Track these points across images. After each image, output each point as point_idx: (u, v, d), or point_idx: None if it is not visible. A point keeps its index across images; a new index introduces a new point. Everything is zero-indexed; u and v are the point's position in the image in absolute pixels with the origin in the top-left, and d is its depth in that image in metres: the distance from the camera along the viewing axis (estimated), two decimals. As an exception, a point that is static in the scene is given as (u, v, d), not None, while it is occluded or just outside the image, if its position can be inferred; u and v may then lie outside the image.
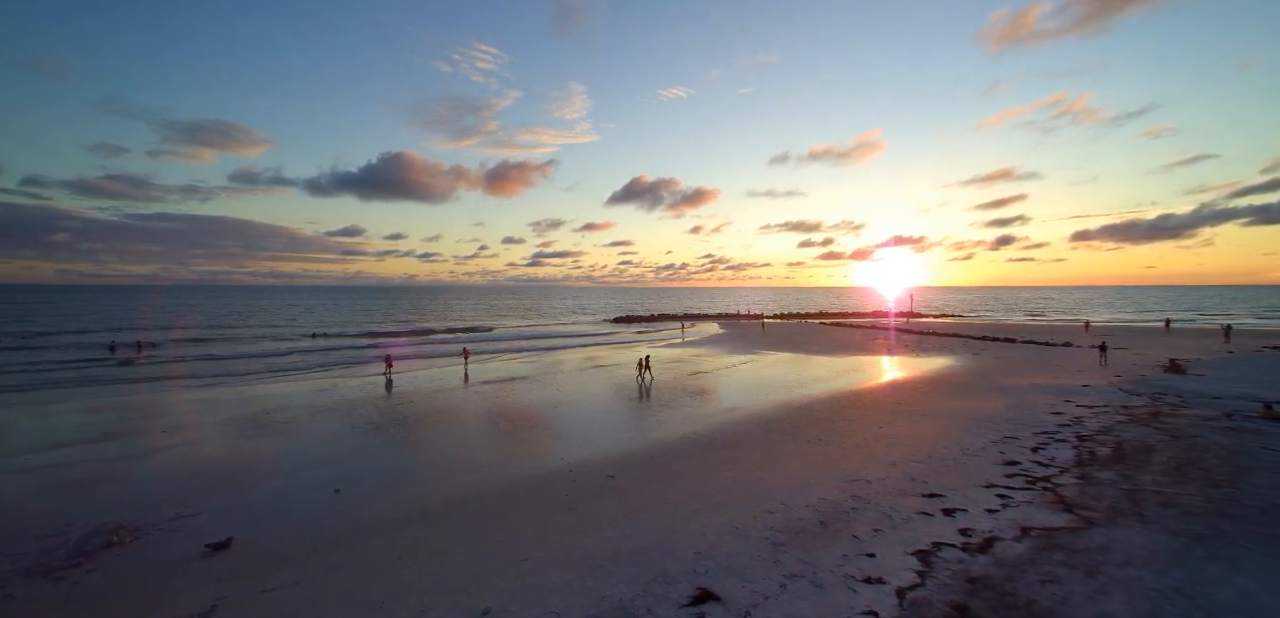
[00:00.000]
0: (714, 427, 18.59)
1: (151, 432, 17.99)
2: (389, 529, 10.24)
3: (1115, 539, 9.06)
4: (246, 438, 17.22)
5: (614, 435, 17.48)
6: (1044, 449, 14.72)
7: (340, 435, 17.25)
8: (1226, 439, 14.72)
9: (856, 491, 11.90)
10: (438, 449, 15.86)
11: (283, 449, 15.86)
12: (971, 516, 10.37)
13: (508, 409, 21.36)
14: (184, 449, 15.85)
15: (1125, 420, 17.52)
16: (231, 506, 11.53)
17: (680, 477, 13.15)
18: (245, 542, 9.69)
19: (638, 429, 18.37)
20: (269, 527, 10.43)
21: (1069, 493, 11.32)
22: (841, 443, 16.03)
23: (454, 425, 18.62)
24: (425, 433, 17.67)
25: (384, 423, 18.91)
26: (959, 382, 27.54)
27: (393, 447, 16.08)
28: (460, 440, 16.86)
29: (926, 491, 11.77)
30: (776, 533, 9.66)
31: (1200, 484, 11.48)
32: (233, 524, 10.42)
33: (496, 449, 15.83)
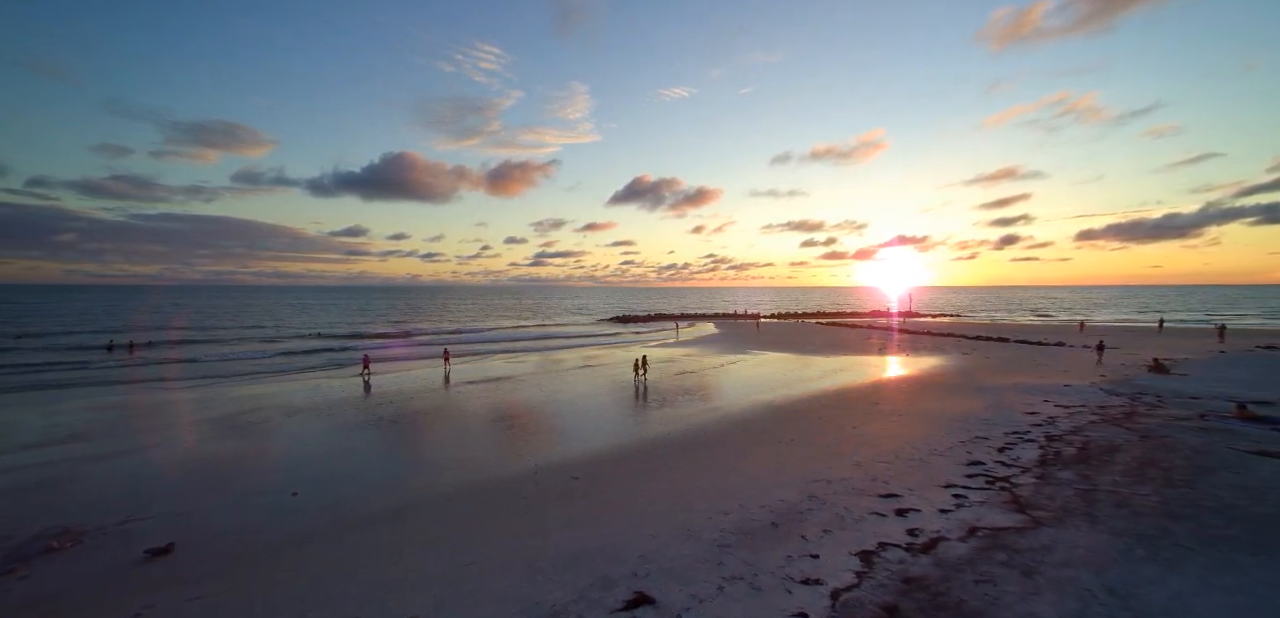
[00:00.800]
0: (691, 427, 18.62)
1: (123, 433, 18.06)
2: (338, 534, 10.26)
3: (1060, 540, 9.06)
4: (216, 440, 17.27)
5: (588, 436, 17.51)
6: (1011, 449, 14.72)
7: (310, 438, 17.27)
8: (1195, 439, 14.70)
9: (816, 491, 11.92)
10: (405, 452, 15.90)
11: (249, 452, 15.89)
12: (924, 516, 10.38)
13: (484, 411, 21.38)
14: (152, 451, 15.91)
15: (1098, 420, 17.50)
16: (186, 509, 11.55)
17: (646, 478, 13.19)
18: (188, 547, 9.72)
19: (613, 430, 18.39)
20: (217, 531, 10.45)
21: (1025, 493, 11.32)
22: (813, 443, 16.04)
23: (426, 428, 18.64)
24: (396, 435, 17.70)
25: (357, 425, 18.93)
26: (943, 382, 27.51)
27: (360, 450, 16.06)
28: (429, 443, 16.90)
29: (885, 491, 11.78)
30: (727, 535, 9.67)
31: (1158, 484, 11.47)
32: (182, 528, 10.46)
33: (464, 452, 15.83)
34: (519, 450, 15.83)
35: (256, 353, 41.18)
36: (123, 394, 25.22)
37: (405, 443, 16.75)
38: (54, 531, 10.03)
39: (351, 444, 16.60)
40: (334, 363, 36.60)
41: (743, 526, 10.07)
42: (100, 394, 25.25)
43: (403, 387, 26.60)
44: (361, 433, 17.91)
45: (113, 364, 35.40)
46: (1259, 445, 13.87)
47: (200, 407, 22.55)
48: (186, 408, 22.28)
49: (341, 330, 64.45)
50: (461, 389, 26.10)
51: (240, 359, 37.81)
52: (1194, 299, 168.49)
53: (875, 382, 28.22)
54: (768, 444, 16.05)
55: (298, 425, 18.93)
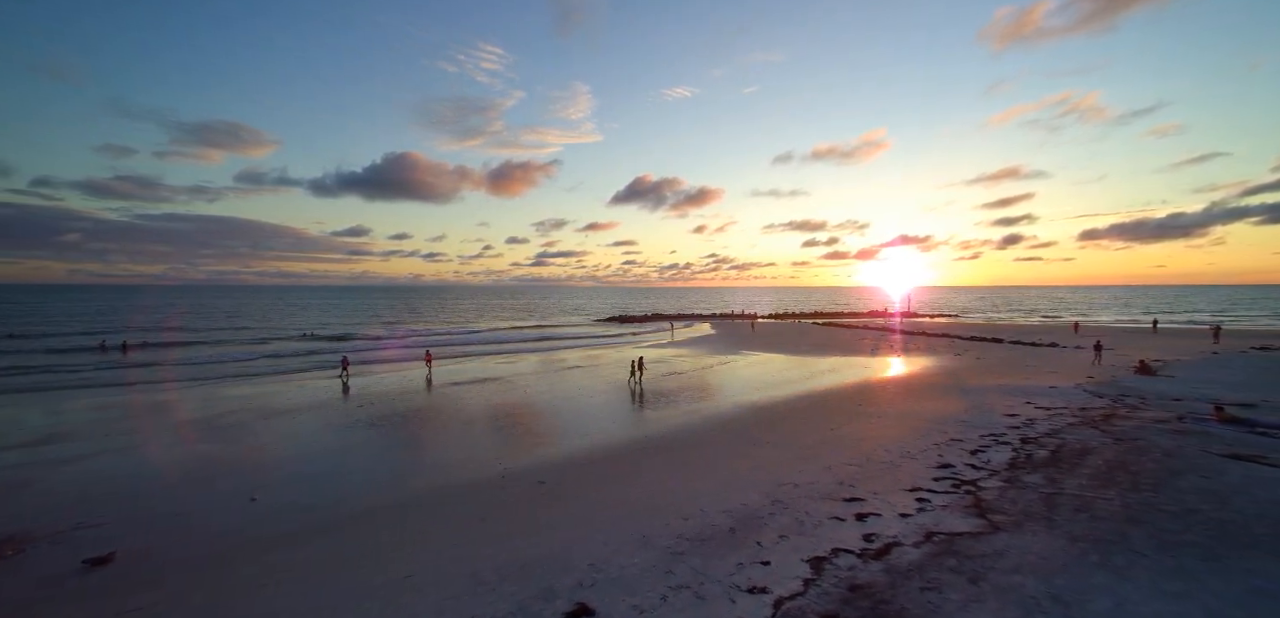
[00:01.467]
0: (670, 429, 18.56)
1: (95, 435, 18.02)
2: (286, 543, 10.14)
3: (1014, 545, 8.99)
4: (185, 444, 17.19)
5: (563, 439, 17.44)
6: (984, 452, 14.63)
7: (279, 442, 17.14)
8: (1169, 441, 14.60)
9: (781, 494, 11.85)
10: (373, 456, 15.73)
11: (215, 455, 15.78)
12: (883, 520, 10.31)
13: (462, 413, 21.29)
14: (116, 455, 15.81)
15: (1076, 422, 17.40)
16: (140, 514, 11.47)
17: (614, 482, 13.12)
18: (132, 555, 9.62)
19: (591, 432, 18.32)
20: (166, 538, 10.33)
21: (989, 497, 11.24)
22: (787, 445, 15.97)
23: (398, 432, 18.50)
24: (367, 439, 17.56)
25: (329, 429, 18.80)
26: (929, 383, 27.41)
27: (328, 453, 15.94)
28: (399, 447, 16.79)
29: (850, 494, 11.71)
30: (682, 541, 9.61)
31: (1123, 488, 11.38)
32: (133, 535, 10.38)
33: (433, 456, 15.76)
34: (490, 455, 15.76)
35: (246, 354, 41.20)
36: (101, 396, 25.18)
37: (374, 448, 16.62)
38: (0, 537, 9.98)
39: (319, 449, 16.47)
40: (321, 364, 36.49)
41: (701, 532, 10.01)
42: (77, 396, 25.20)
43: (382, 389, 26.53)
44: (332, 437, 17.79)
45: (98, 365, 35.41)
46: (1232, 448, 13.77)
47: (177, 409, 22.54)
48: (162, 410, 22.25)
49: (335, 331, 64.45)
50: (443, 391, 26.05)
51: (228, 361, 37.81)
52: (1200, 299, 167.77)
53: (862, 383, 28.13)
54: (743, 447, 15.98)
55: (272, 428, 18.88)
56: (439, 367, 34.80)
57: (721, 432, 18.03)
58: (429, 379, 28.94)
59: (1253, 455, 13.17)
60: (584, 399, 24.13)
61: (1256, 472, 12.03)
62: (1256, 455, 13.16)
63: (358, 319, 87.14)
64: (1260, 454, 13.22)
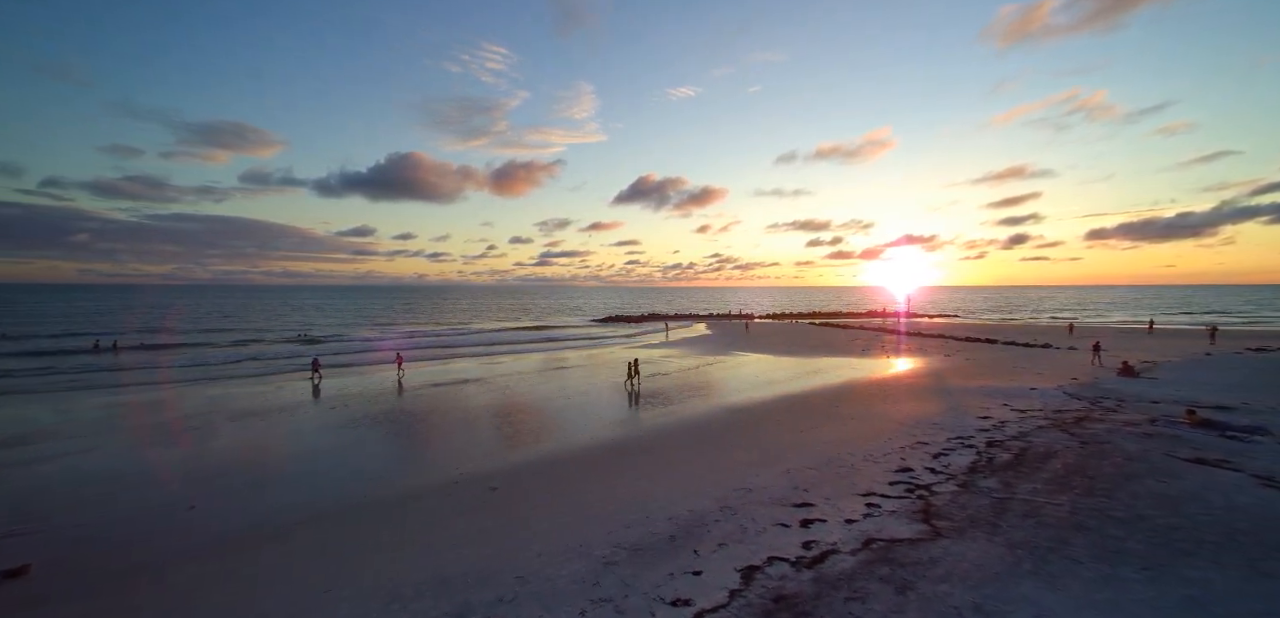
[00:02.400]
0: (638, 432, 18.43)
1: (53, 438, 17.92)
2: (211, 554, 9.86)
3: (951, 553, 8.82)
4: (143, 446, 17.05)
5: (527, 442, 17.28)
6: (947, 456, 14.45)
7: (235, 446, 16.91)
8: (1134, 445, 14.39)
9: (733, 499, 11.70)
10: (327, 463, 15.41)
11: (167, 459, 15.58)
12: (828, 527, 10.15)
13: (431, 416, 21.08)
14: (70, 458, 15.65)
15: (1047, 425, 17.19)
16: (73, 522, 11.27)
17: (567, 487, 12.99)
18: (50, 566, 9.43)
19: (558, 435, 18.18)
20: (90, 548, 10.11)
21: (939, 502, 11.07)
22: (752, 448, 15.82)
23: (360, 436, 18.24)
24: (323, 444, 17.28)
25: (290, 433, 18.59)
26: (911, 385, 27.20)
27: (279, 460, 15.67)
28: (356, 452, 16.47)
29: (802, 499, 11.55)
30: (619, 551, 9.46)
31: (1077, 492, 11.20)
32: (58, 544, 10.19)
33: (389, 462, 15.50)
34: (446, 459, 15.58)
35: (232, 356, 41.19)
36: (70, 399, 25.10)
37: (330, 452, 16.39)
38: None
39: (271, 455, 16.21)
40: (305, 366, 36.33)
41: (641, 540, 9.86)
42: (46, 400, 25.07)
43: (356, 392, 26.35)
44: (289, 442, 17.55)
45: (78, 367, 35.39)
46: (1198, 452, 13.56)
47: (143, 412, 22.44)
48: (127, 413, 22.13)
49: (328, 332, 64.47)
50: (419, 393, 25.91)
51: (214, 362, 37.83)
52: (1209, 299, 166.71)
53: (845, 384, 27.94)
54: (708, 450, 15.83)
55: (230, 433, 18.61)
56: (422, 368, 34.76)
57: (691, 435, 17.88)
58: (400, 382, 28.47)
59: (1216, 460, 12.97)
60: (562, 401, 24.01)
61: (1216, 477, 11.84)
62: (1220, 460, 12.96)
63: (353, 319, 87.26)
64: (1224, 459, 13.02)
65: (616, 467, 14.60)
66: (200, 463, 15.40)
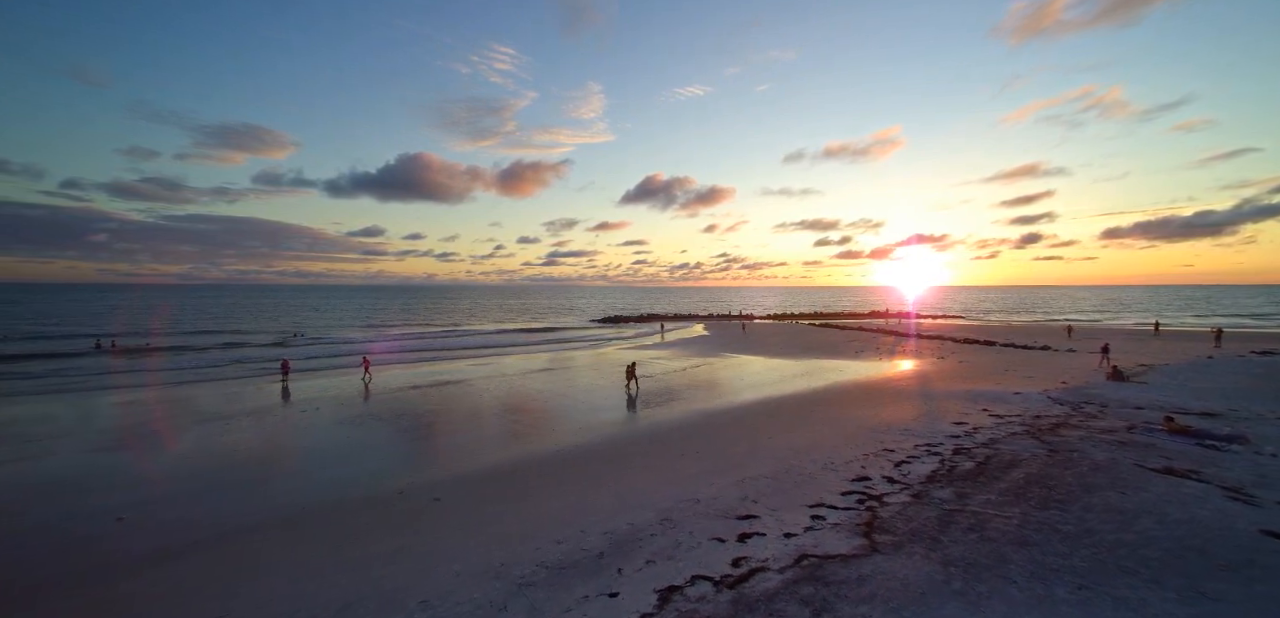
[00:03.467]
0: (602, 438, 18.08)
1: (14, 441, 17.91)
2: (124, 571, 9.39)
3: (882, 570, 8.46)
4: (95, 451, 16.84)
5: (485, 451, 16.86)
6: (909, 463, 14.05)
7: (189, 452, 16.65)
8: (1104, 453, 13.93)
9: (677, 511, 11.38)
10: (268, 470, 15.05)
11: (109, 467, 15.34)
12: (765, 541, 9.81)
13: (397, 422, 20.60)
14: (25, 463, 15.62)
15: (1021, 432, 16.73)
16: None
17: (510, 498, 12.65)
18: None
19: (520, 441, 17.88)
20: (3, 564, 9.99)
21: (886, 515, 10.69)
22: (713, 456, 15.48)
23: (317, 441, 17.92)
24: (277, 450, 16.99)
25: (246, 438, 18.34)
26: (895, 387, 26.73)
27: (225, 467, 15.24)
28: (307, 459, 16.14)
29: (747, 511, 11.20)
30: (541, 570, 9.10)
31: (1031, 504, 10.78)
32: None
33: (338, 469, 15.09)
34: (399, 467, 15.28)
35: (220, 358, 41.27)
36: (51, 401, 25.17)
37: (278, 460, 16.05)
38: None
39: (219, 461, 15.83)
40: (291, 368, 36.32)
41: (567, 558, 9.53)
42: (27, 402, 25.07)
43: (328, 394, 26.07)
44: (241, 448, 17.21)
45: (70, 369, 35.57)
46: (1168, 462, 13.09)
47: (116, 413, 22.40)
48: (90, 416, 22.04)
49: (322, 332, 64.58)
50: (393, 396, 25.66)
51: (202, 364, 37.91)
52: (1228, 300, 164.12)
53: (827, 387, 27.52)
54: (668, 457, 15.50)
55: (188, 438, 18.36)
56: (407, 370, 34.59)
57: (656, 441, 17.56)
58: (366, 387, 27.72)
59: (1185, 470, 12.51)
60: (537, 405, 23.75)
61: (1180, 488, 11.39)
62: (1190, 470, 12.49)
63: (349, 320, 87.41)
64: (1193, 469, 12.55)
65: (570, 475, 14.30)
66: (142, 471, 15.14)
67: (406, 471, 14.89)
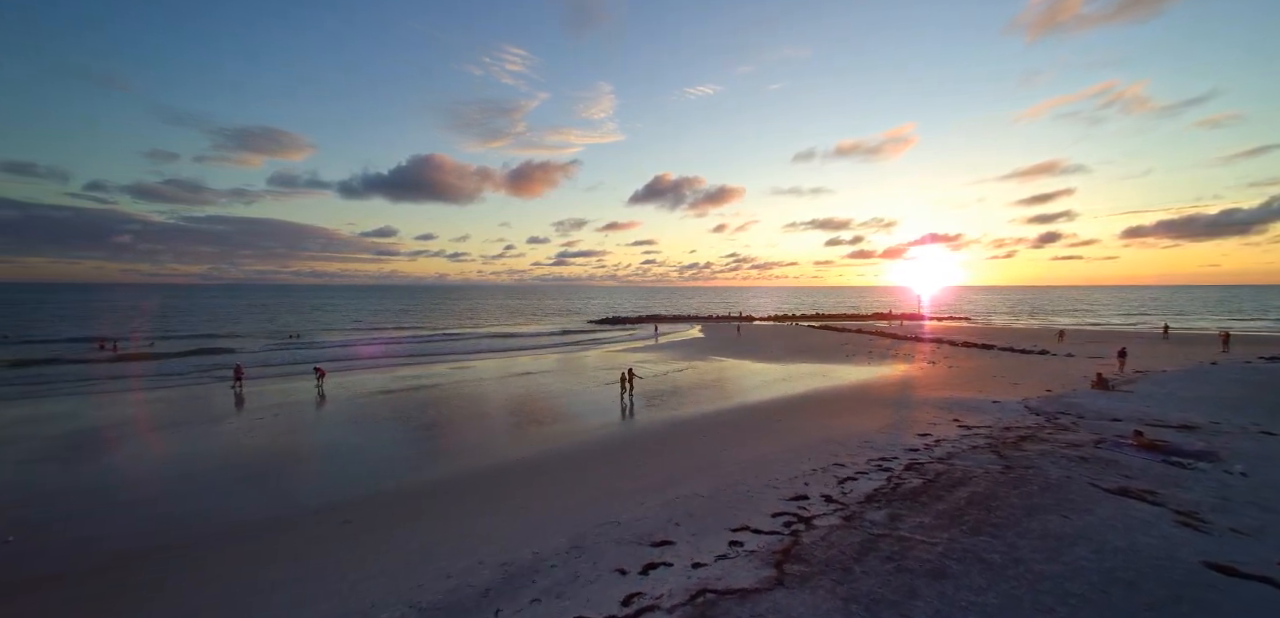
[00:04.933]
0: (547, 450, 17.49)
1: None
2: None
3: (780, 607, 7.82)
4: (20, 463, 16.54)
5: (419, 464, 16.25)
6: (855, 480, 13.37)
7: (119, 463, 16.32)
8: (1062, 470, 13.16)
9: (591, 536, 10.78)
10: (188, 485, 14.50)
11: (29, 480, 14.95)
12: (670, 573, 9.19)
13: (343, 428, 20.21)
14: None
15: (983, 445, 15.95)
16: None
17: (424, 520, 12.03)
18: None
19: (463, 455, 17.27)
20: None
21: (809, 540, 10.03)
22: (655, 470, 14.91)
23: (252, 452, 17.42)
24: (206, 462, 16.46)
25: (180, 447, 17.92)
26: (872, 395, 25.97)
27: (144, 481, 14.75)
28: (227, 474, 15.49)
29: (665, 536, 10.59)
30: (413, 611, 8.40)
31: (964, 529, 10.08)
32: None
33: (259, 486, 14.44)
34: (324, 483, 14.62)
35: (205, 363, 41.22)
36: (20, 405, 25.04)
37: (199, 475, 15.35)
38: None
39: (141, 473, 15.38)
40: (272, 370, 36.16)
41: (445, 596, 8.85)
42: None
43: (285, 401, 25.62)
44: (172, 459, 16.74)
45: (40, 377, 35.57)
46: (1126, 481, 12.32)
47: (61, 421, 22.09)
48: (42, 424, 21.71)
49: (321, 334, 64.60)
50: (349, 404, 25.00)
51: (182, 370, 37.84)
52: (1255, 301, 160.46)
53: (804, 393, 26.82)
54: (607, 473, 14.93)
55: (126, 447, 18.00)
56: (380, 374, 34.13)
57: (604, 454, 16.99)
58: (320, 394, 27.01)
59: (1142, 491, 11.73)
60: (498, 413, 23.26)
61: (1130, 512, 10.63)
62: (1146, 491, 11.72)
63: (350, 321, 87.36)
64: (1150, 490, 11.77)
65: (502, 493, 13.76)
66: (60, 484, 14.67)
67: (332, 486, 14.39)
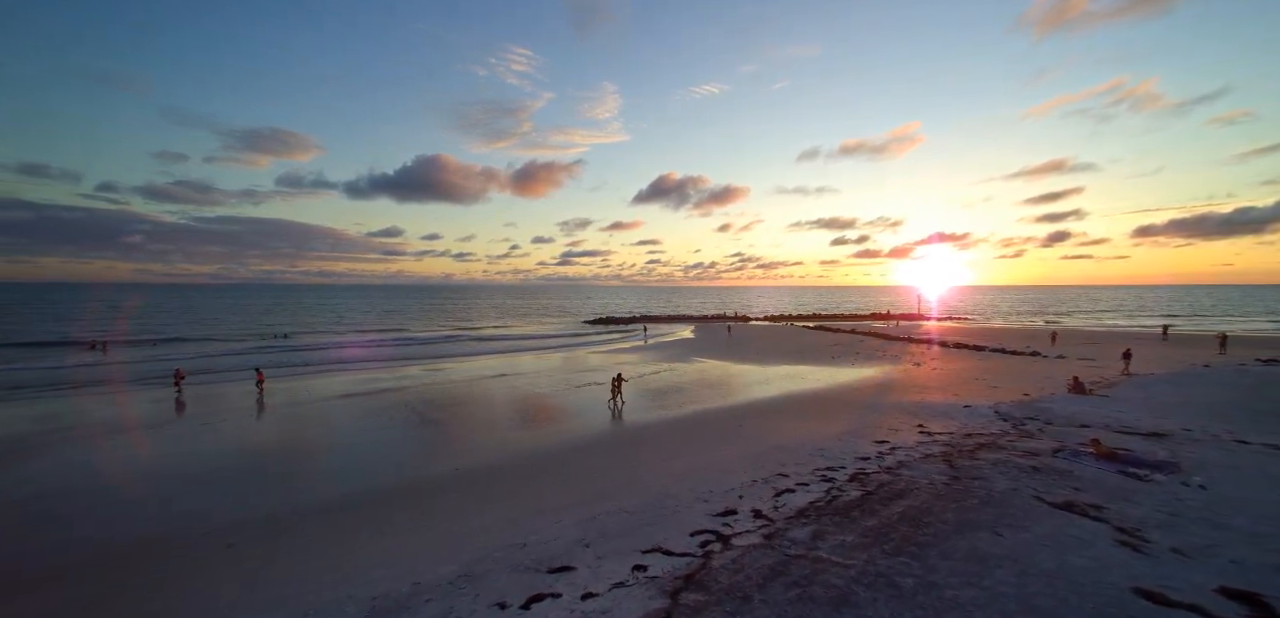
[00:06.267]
0: (485, 463, 16.42)
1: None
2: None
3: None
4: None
5: (348, 475, 15.42)
6: (793, 493, 12.67)
7: (34, 475, 15.69)
8: (1010, 482, 12.43)
9: (484, 563, 9.80)
10: (88, 500, 13.79)
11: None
12: (556, 605, 8.45)
13: (278, 435, 19.58)
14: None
15: (937, 454, 15.22)
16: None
17: (315, 546, 11.00)
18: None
19: (387, 467, 16.15)
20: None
21: (718, 565, 9.32)
22: (589, 484, 14.24)
23: (167, 465, 16.60)
24: (114, 475, 15.78)
25: (96, 457, 17.32)
26: (842, 398, 25.24)
27: (41, 496, 14.05)
28: (132, 489, 14.73)
29: (565, 562, 9.70)
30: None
31: (885, 549, 9.37)
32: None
33: (139, 506, 13.52)
34: (232, 500, 13.74)
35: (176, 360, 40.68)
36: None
37: (76, 490, 14.51)
38: None
39: (42, 487, 14.66)
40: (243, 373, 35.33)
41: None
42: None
43: (235, 406, 24.92)
44: (83, 470, 16.13)
45: (7, 376, 35.18)
46: (1073, 495, 11.58)
47: (17, 422, 21.64)
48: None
49: (309, 334, 64.09)
50: (300, 409, 24.22)
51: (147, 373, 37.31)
52: (1267, 301, 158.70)
53: (774, 397, 26.11)
54: (531, 487, 14.09)
55: (46, 457, 17.41)
56: (348, 377, 33.33)
57: (535, 466, 16.03)
58: (260, 402, 25.54)
59: (1089, 505, 11.01)
60: (452, 417, 22.57)
61: (1069, 529, 9.91)
62: (1093, 505, 10.99)
63: (343, 322, 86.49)
64: (1097, 504, 11.04)
65: (419, 508, 12.98)
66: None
67: (239, 503, 13.55)
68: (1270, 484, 11.94)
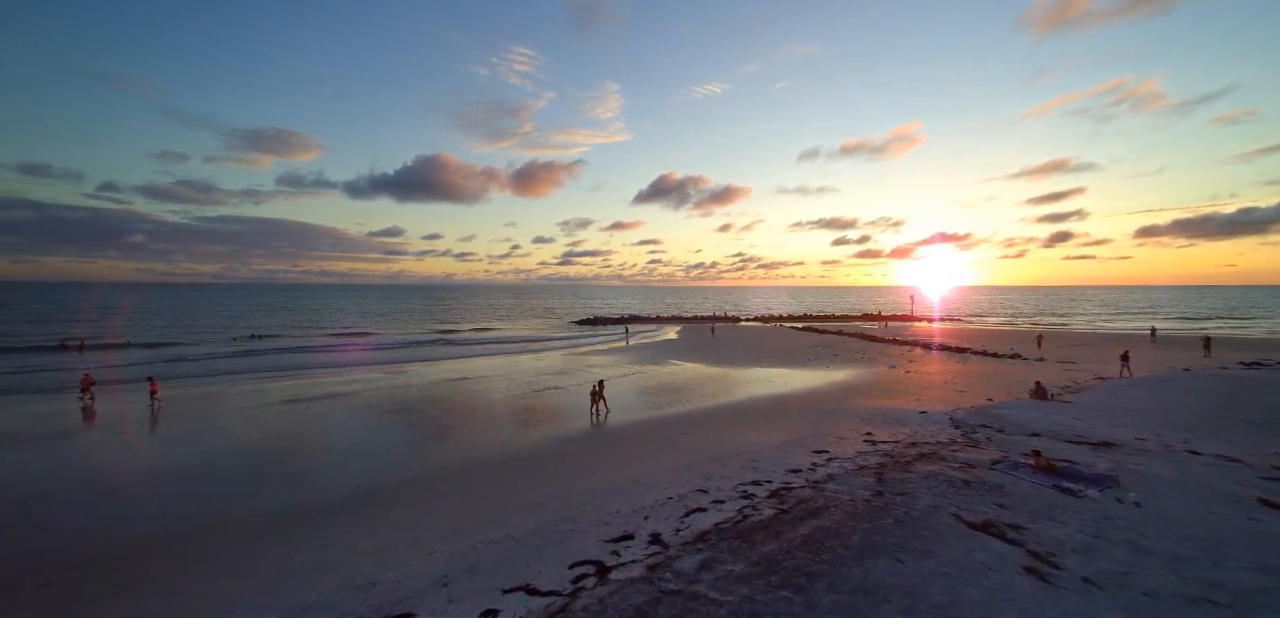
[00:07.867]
0: (397, 478, 15.31)
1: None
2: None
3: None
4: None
5: (235, 497, 14.13)
6: (701, 513, 11.84)
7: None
8: (933, 498, 11.61)
9: (314, 610, 8.82)
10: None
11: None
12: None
13: (179, 451, 18.37)
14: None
15: (871, 466, 14.38)
16: None
17: (129, 584, 10.06)
18: None
19: (287, 485, 15.06)
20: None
21: (579, 606, 8.46)
22: (488, 504, 13.24)
23: (36, 483, 15.39)
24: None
25: None
26: (802, 403, 24.43)
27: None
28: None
29: (404, 609, 8.51)
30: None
31: (770, 582, 8.52)
32: None
33: (34, 531, 12.43)
34: (95, 523, 12.68)
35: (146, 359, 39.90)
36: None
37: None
38: None
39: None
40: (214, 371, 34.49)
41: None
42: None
43: (138, 414, 23.39)
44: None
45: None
46: (994, 514, 10.75)
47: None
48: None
49: (285, 335, 62.99)
50: (225, 417, 23.29)
51: (106, 375, 36.53)
52: (1270, 302, 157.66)
53: (728, 403, 25.29)
54: (421, 509, 12.82)
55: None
56: (300, 380, 32.24)
57: (438, 482, 14.80)
58: (153, 414, 23.30)
59: (1008, 525, 10.18)
60: (390, 425, 21.73)
61: (978, 553, 9.08)
62: (1013, 525, 10.16)
63: (323, 322, 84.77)
64: (1018, 524, 10.21)
65: (292, 535, 11.82)
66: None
67: (128, 519, 12.76)
68: (1208, 501, 11.13)
